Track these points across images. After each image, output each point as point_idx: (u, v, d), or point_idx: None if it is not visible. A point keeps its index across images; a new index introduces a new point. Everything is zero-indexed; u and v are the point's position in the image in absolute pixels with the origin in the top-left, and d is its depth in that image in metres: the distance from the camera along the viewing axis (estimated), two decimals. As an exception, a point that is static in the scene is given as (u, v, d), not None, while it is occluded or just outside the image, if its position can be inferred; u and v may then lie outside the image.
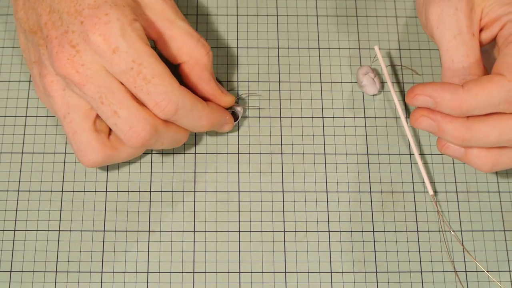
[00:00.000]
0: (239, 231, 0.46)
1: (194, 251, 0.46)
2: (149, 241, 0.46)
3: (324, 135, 0.49)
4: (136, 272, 0.45)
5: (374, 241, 0.46)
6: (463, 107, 0.40)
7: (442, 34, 0.43)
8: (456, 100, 0.40)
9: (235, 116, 0.48)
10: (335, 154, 0.48)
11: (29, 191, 0.47)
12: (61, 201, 0.47)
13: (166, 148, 0.45)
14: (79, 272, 0.45)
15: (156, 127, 0.41)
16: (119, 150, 0.43)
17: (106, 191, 0.47)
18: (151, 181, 0.47)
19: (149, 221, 0.46)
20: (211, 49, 0.44)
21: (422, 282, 0.45)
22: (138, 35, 0.40)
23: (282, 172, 0.48)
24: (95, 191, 0.47)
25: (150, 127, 0.40)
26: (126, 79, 0.40)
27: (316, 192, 0.47)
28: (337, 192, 0.47)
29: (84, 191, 0.47)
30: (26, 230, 0.46)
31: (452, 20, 0.43)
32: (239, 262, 0.45)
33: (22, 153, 0.48)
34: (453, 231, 0.47)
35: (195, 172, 0.48)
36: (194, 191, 0.47)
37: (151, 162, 0.48)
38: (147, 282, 0.45)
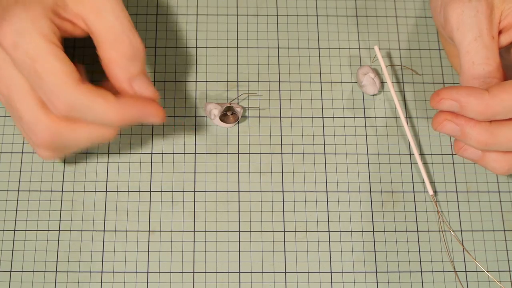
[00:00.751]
0: (239, 231, 0.46)
1: (194, 251, 0.46)
2: (149, 241, 0.46)
3: (324, 135, 0.49)
4: (136, 272, 0.45)
5: (374, 241, 0.46)
6: (489, 112, 0.40)
7: (463, 36, 0.43)
8: (482, 105, 0.40)
9: (235, 116, 0.48)
10: (335, 154, 0.48)
11: (29, 191, 0.47)
12: (61, 201, 0.47)
13: (95, 144, 0.44)
14: (79, 272, 0.45)
15: (57, 131, 0.41)
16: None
17: (106, 191, 0.47)
18: (151, 181, 0.47)
19: (149, 221, 0.46)
20: (141, 44, 0.42)
21: (422, 282, 0.45)
22: (40, 32, 0.39)
23: (282, 172, 0.48)
24: (95, 191, 0.47)
25: (49, 133, 0.41)
26: (26, 77, 0.40)
27: (316, 192, 0.47)
28: (337, 192, 0.47)
29: (84, 191, 0.47)
30: (26, 230, 0.46)
31: (473, 22, 0.42)
32: (239, 262, 0.45)
33: (22, 153, 0.48)
34: (453, 231, 0.47)
35: (195, 172, 0.48)
36: (194, 191, 0.47)
37: (151, 162, 0.48)
38: (147, 282, 0.45)
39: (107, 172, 0.47)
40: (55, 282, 0.45)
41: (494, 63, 0.42)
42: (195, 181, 0.47)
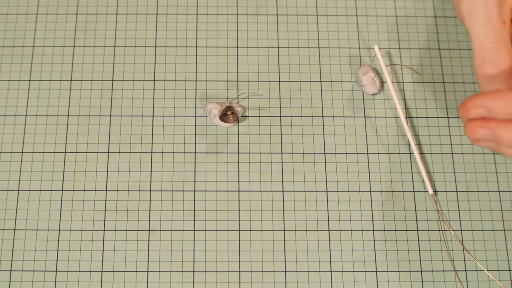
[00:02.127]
0: (239, 230, 0.46)
1: (194, 250, 0.46)
2: (149, 240, 0.46)
3: (324, 135, 0.49)
4: (136, 271, 0.45)
5: (374, 241, 0.46)
6: None
7: (473, 22, 0.43)
8: (509, 106, 0.40)
9: (235, 115, 0.48)
10: (335, 153, 0.48)
11: (29, 190, 0.47)
12: (61, 200, 0.47)
13: None
14: (79, 271, 0.45)
15: None
16: None
17: (106, 191, 0.47)
18: (151, 181, 0.47)
19: (149, 220, 0.46)
20: None
21: (422, 281, 0.45)
22: None
23: (282, 172, 0.48)
24: (95, 191, 0.47)
25: None
26: None
27: (316, 191, 0.47)
28: (337, 191, 0.47)
29: (84, 190, 0.47)
30: (26, 230, 0.46)
31: (482, 8, 0.43)
32: (239, 261, 0.45)
33: (22, 152, 0.48)
34: (453, 230, 0.47)
35: (195, 172, 0.48)
36: (194, 191, 0.47)
37: (151, 162, 0.48)
38: (147, 282, 0.45)
39: (107, 171, 0.47)
40: (55, 281, 0.45)
41: (504, 47, 0.42)
42: (195, 181, 0.47)
